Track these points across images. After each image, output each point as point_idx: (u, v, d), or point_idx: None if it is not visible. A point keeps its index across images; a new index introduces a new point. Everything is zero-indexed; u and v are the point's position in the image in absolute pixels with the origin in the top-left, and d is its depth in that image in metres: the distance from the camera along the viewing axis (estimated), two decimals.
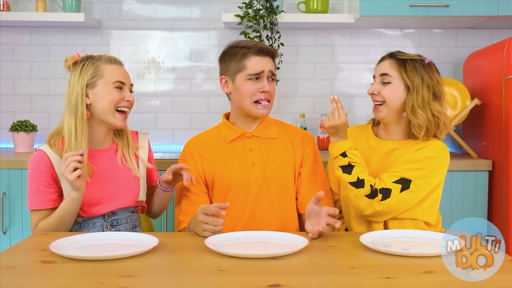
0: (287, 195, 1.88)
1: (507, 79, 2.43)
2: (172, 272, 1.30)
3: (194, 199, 1.85)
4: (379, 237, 1.53)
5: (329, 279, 1.25)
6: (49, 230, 1.71)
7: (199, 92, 3.06)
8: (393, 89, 1.81)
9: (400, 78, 1.80)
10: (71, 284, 1.21)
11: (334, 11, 2.99)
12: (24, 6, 3.00)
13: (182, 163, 1.81)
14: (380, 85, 1.84)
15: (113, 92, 1.76)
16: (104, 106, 1.75)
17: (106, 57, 1.80)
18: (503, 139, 2.46)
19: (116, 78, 1.76)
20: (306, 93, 3.05)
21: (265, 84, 1.84)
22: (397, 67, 1.81)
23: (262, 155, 1.88)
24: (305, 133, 2.00)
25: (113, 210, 1.79)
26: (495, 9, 2.63)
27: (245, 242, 1.53)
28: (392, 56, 1.85)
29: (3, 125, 2.99)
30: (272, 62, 1.89)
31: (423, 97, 1.78)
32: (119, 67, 1.81)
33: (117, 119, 1.77)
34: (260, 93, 1.84)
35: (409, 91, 1.79)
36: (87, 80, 1.75)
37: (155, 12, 3.04)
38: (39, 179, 1.73)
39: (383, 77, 1.83)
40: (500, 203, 2.49)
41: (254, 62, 1.84)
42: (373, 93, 1.84)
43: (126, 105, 1.78)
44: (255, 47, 1.85)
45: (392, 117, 1.84)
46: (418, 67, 1.80)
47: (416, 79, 1.79)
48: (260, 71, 1.84)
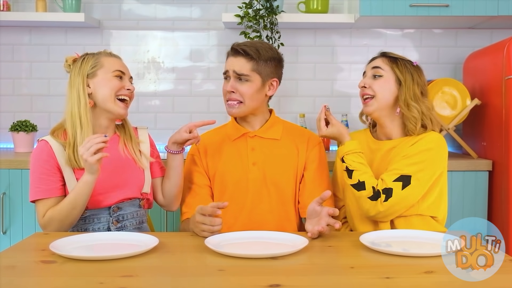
0: (286, 197, 1.88)
1: (507, 79, 2.43)
2: (172, 272, 1.30)
3: (198, 191, 1.88)
4: (379, 237, 1.53)
5: (329, 279, 1.25)
6: (59, 218, 1.68)
7: (199, 92, 3.06)
8: (384, 83, 1.84)
9: (391, 72, 1.84)
10: (71, 284, 1.21)
11: (334, 11, 2.99)
12: (24, 6, 3.00)
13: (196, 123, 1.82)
14: (371, 79, 1.86)
15: (114, 80, 1.78)
16: (105, 94, 1.77)
17: (106, 51, 1.85)
18: (503, 139, 2.46)
19: (115, 68, 1.80)
20: (306, 93, 3.05)
21: (228, 84, 1.85)
22: (388, 63, 1.86)
23: (263, 155, 1.89)
24: (313, 136, 1.98)
25: (118, 204, 1.79)
26: (495, 9, 2.64)
27: (245, 242, 1.53)
28: (383, 54, 1.90)
29: (3, 125, 2.99)
30: (245, 61, 1.83)
31: (415, 93, 1.82)
32: (119, 60, 1.85)
33: (118, 107, 1.78)
34: (227, 93, 1.86)
35: (400, 85, 1.83)
36: (87, 70, 1.78)
37: (155, 12, 3.04)
38: (43, 168, 1.73)
39: (375, 70, 1.86)
40: (500, 203, 2.49)
41: (227, 62, 1.88)
42: (364, 86, 1.86)
43: (126, 93, 1.80)
44: (232, 47, 1.87)
45: (381, 113, 1.85)
46: (408, 66, 1.86)
47: (407, 75, 1.83)
48: (226, 70, 1.87)
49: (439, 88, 2.68)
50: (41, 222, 1.72)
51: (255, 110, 1.89)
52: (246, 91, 1.84)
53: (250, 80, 1.84)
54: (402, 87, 1.82)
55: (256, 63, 1.84)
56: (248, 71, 1.83)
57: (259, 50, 1.84)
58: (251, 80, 1.84)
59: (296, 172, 1.90)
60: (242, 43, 1.87)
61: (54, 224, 1.70)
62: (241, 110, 1.86)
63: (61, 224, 1.70)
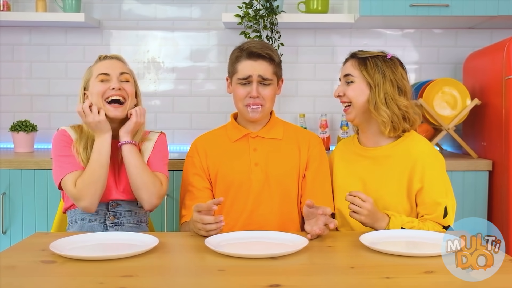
0: (289, 197, 1.88)
1: (507, 79, 2.43)
2: (172, 272, 1.30)
3: (197, 195, 1.87)
4: (379, 237, 1.53)
5: (329, 279, 1.25)
6: (92, 179, 1.71)
7: (199, 92, 3.06)
8: (356, 88, 1.82)
9: (361, 76, 1.82)
10: (71, 284, 1.21)
11: (334, 11, 2.99)
12: (24, 6, 3.00)
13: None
14: (344, 86, 1.85)
15: (97, 85, 1.80)
16: (95, 101, 1.78)
17: (99, 57, 1.87)
18: (503, 139, 2.46)
19: (99, 71, 1.81)
20: (306, 93, 3.05)
21: (253, 89, 1.82)
22: (358, 66, 1.82)
23: (265, 155, 1.88)
24: (313, 136, 1.99)
25: (118, 201, 1.81)
26: (495, 9, 2.63)
27: (245, 242, 1.53)
28: (353, 56, 1.86)
29: (3, 125, 2.99)
30: (267, 64, 1.84)
31: (386, 93, 1.79)
32: (107, 61, 1.84)
33: (107, 110, 1.79)
34: (249, 97, 1.84)
35: (371, 88, 1.80)
36: (83, 85, 1.84)
37: (155, 12, 3.04)
38: (66, 148, 1.79)
39: (346, 77, 1.85)
40: (500, 203, 2.49)
41: (244, 66, 1.84)
42: (339, 94, 1.85)
43: (113, 93, 1.79)
44: (247, 50, 1.83)
45: (361, 118, 1.84)
46: (379, 63, 1.81)
47: (377, 76, 1.79)
48: (248, 75, 1.83)
49: (439, 88, 2.69)
50: (73, 192, 1.72)
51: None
52: (269, 94, 1.85)
53: (272, 83, 1.86)
54: (372, 91, 1.79)
55: (275, 66, 1.86)
56: (271, 74, 1.85)
57: (273, 52, 1.86)
58: (273, 83, 1.87)
59: (299, 172, 1.90)
60: (256, 46, 1.84)
61: (89, 188, 1.71)
62: (264, 113, 1.87)
63: (95, 186, 1.71)
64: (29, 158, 2.50)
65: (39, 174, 2.46)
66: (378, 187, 1.81)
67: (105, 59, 1.86)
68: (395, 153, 1.82)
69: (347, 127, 2.89)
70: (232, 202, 1.87)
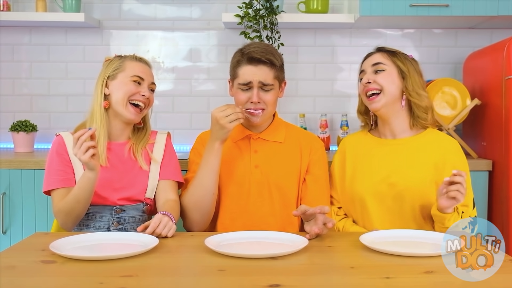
0: (289, 200, 1.88)
1: (507, 79, 2.43)
2: (172, 272, 1.30)
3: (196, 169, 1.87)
4: (379, 237, 1.53)
5: (329, 279, 1.25)
6: (66, 210, 1.70)
7: (199, 92, 3.06)
8: (388, 76, 1.83)
9: (393, 65, 1.84)
10: (71, 284, 1.21)
11: (334, 11, 2.99)
12: (24, 6, 3.00)
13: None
14: (373, 74, 1.85)
15: (130, 85, 1.81)
16: (118, 97, 1.79)
17: (134, 55, 1.88)
18: (503, 139, 2.46)
19: (135, 73, 1.82)
20: (306, 93, 3.05)
21: (253, 95, 1.80)
22: (388, 57, 1.85)
23: (266, 157, 1.88)
24: (316, 139, 1.98)
25: (122, 207, 1.79)
26: (495, 9, 2.64)
27: (245, 242, 1.53)
28: (380, 49, 1.89)
29: (3, 125, 2.99)
30: (268, 70, 1.81)
31: (420, 82, 1.84)
32: (143, 65, 1.87)
33: (128, 112, 1.80)
34: (250, 103, 1.82)
35: (404, 77, 1.82)
36: (109, 72, 1.83)
37: (155, 12, 3.04)
38: (57, 160, 1.78)
39: (376, 66, 1.85)
40: (500, 203, 2.49)
41: (244, 71, 1.81)
42: (369, 81, 1.84)
43: (141, 99, 1.82)
44: (248, 55, 1.80)
45: (388, 108, 1.83)
46: (407, 58, 1.87)
47: (409, 66, 1.84)
48: (248, 81, 1.80)
49: (439, 88, 2.69)
50: (53, 210, 1.76)
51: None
52: (270, 99, 1.83)
53: (273, 88, 1.84)
54: (407, 78, 1.82)
55: (276, 70, 1.84)
56: (272, 79, 1.82)
57: (275, 56, 1.83)
58: (274, 88, 1.84)
59: (299, 175, 1.89)
60: (257, 50, 1.80)
61: (62, 216, 1.73)
62: (265, 117, 1.86)
63: (67, 217, 1.72)
64: (29, 158, 2.50)
65: (39, 174, 2.46)
66: (406, 175, 1.80)
67: (140, 61, 1.87)
68: (424, 143, 1.84)
69: (347, 127, 2.89)
70: (231, 203, 1.86)
